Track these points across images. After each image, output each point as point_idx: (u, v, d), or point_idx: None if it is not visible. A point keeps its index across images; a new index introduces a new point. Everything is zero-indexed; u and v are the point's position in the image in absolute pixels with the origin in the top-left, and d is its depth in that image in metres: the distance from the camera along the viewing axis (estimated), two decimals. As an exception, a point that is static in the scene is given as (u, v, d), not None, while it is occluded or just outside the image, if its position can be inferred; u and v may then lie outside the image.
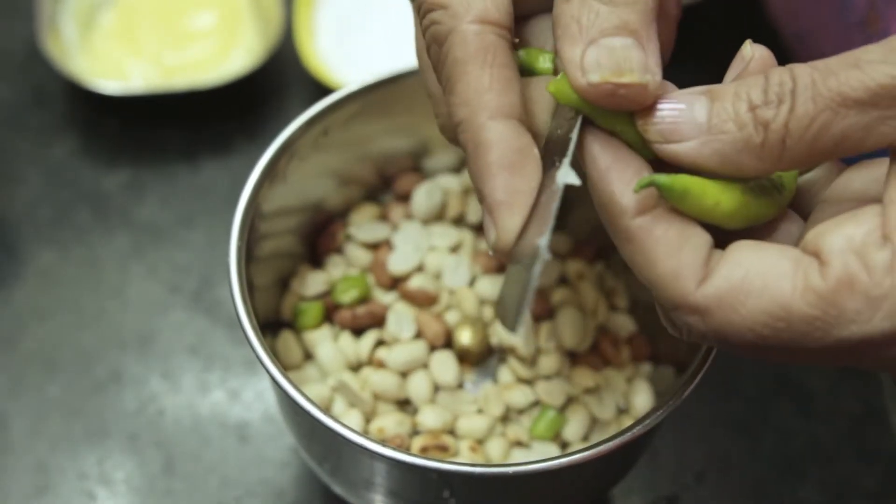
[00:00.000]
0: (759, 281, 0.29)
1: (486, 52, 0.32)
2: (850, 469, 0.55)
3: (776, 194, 0.32)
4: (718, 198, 0.31)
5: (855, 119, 0.29)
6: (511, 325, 0.32)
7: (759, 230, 0.33)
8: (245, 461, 0.54)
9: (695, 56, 0.70)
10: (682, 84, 0.36)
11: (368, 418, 0.46)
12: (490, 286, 0.48)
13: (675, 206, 0.31)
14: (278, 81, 0.69)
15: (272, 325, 0.48)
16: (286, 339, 0.47)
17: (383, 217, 0.50)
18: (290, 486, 0.53)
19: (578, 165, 0.32)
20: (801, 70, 0.29)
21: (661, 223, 0.31)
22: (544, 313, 0.48)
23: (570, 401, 0.47)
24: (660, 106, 0.31)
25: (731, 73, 0.33)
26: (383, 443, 0.36)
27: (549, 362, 0.47)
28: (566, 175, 0.31)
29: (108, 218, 0.63)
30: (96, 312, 0.59)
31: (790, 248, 0.30)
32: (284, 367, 0.38)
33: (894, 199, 0.29)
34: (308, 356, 0.47)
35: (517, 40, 0.35)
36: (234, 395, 0.56)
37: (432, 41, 0.34)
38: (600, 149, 0.31)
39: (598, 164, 0.31)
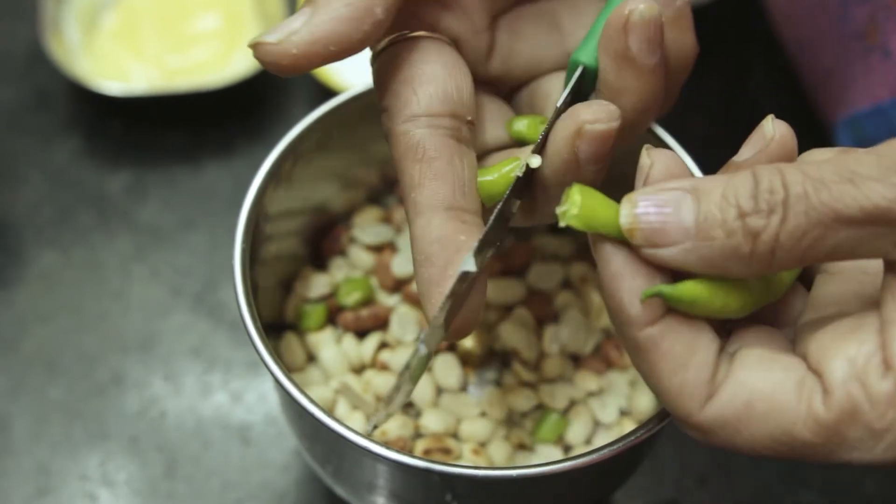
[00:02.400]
0: (762, 406, 0.30)
1: (416, 149, 0.34)
2: (851, 474, 0.55)
3: (777, 282, 0.32)
4: (726, 300, 0.31)
5: (846, 234, 0.28)
6: (378, 415, 0.34)
7: (766, 311, 0.33)
8: (247, 463, 0.54)
9: (696, 62, 0.70)
10: (683, 90, 0.36)
11: (371, 421, 0.46)
12: (493, 289, 0.48)
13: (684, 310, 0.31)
14: (281, 84, 0.69)
15: (275, 327, 0.48)
16: (289, 341, 0.47)
17: (387, 219, 0.50)
18: (292, 488, 0.53)
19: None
20: (793, 177, 0.28)
21: (668, 337, 0.30)
22: (548, 317, 0.48)
23: (572, 404, 0.47)
24: (643, 208, 0.30)
25: (748, 149, 0.32)
26: (386, 445, 0.36)
27: (552, 365, 0.47)
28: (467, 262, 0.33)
29: (110, 220, 0.63)
30: (98, 314, 0.59)
31: (795, 363, 0.30)
32: (287, 370, 0.38)
33: (893, 318, 0.29)
34: (311, 358, 0.47)
35: (471, 118, 0.36)
36: (237, 398, 0.56)
37: (386, 138, 0.36)
38: (611, 251, 0.31)
39: (609, 268, 0.31)
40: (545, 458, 0.45)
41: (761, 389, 0.30)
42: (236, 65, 0.66)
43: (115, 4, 0.69)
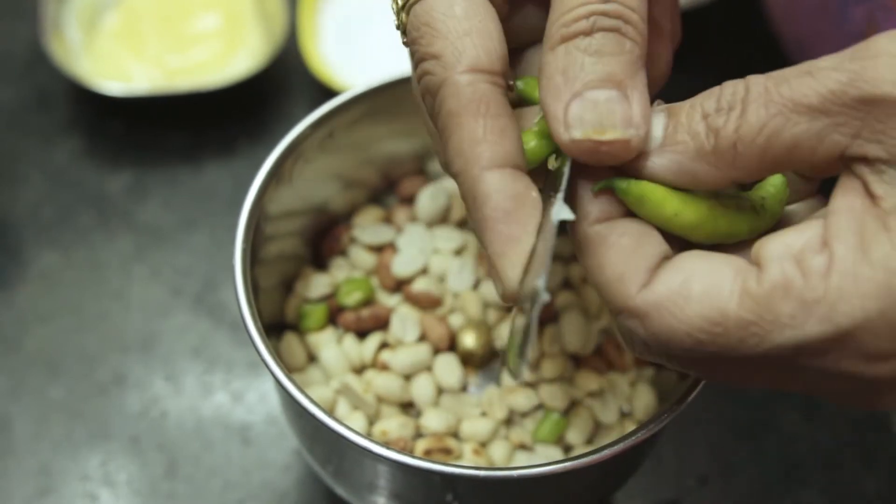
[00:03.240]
0: (698, 286, 0.30)
1: (479, 103, 0.32)
2: (853, 474, 0.55)
3: (753, 215, 0.32)
4: (679, 208, 0.31)
5: (806, 126, 0.29)
6: (514, 372, 0.32)
7: (730, 249, 0.33)
8: (248, 464, 0.54)
9: (696, 62, 0.70)
10: (684, 90, 0.36)
11: (372, 421, 0.46)
12: (493, 290, 0.48)
13: (636, 213, 0.31)
14: (282, 84, 0.69)
15: (276, 327, 0.48)
16: (290, 341, 0.47)
17: (387, 220, 0.50)
18: (292, 488, 0.53)
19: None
20: (756, 79, 0.30)
21: (617, 230, 0.31)
22: (548, 317, 0.48)
23: (573, 404, 0.47)
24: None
25: None
26: (387, 445, 0.36)
27: (552, 366, 0.47)
28: (560, 211, 0.31)
29: (110, 220, 0.63)
30: (99, 314, 0.59)
31: (736, 257, 0.31)
32: (288, 370, 0.38)
33: (837, 208, 0.29)
34: (312, 358, 0.47)
35: (512, 82, 0.35)
36: (237, 398, 0.56)
37: (426, 92, 0.34)
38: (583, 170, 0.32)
39: (579, 180, 0.32)
40: (545, 459, 0.45)
41: (699, 272, 0.30)
42: (237, 65, 0.66)
43: (115, 4, 0.69)
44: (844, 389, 0.30)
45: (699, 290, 0.30)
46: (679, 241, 0.32)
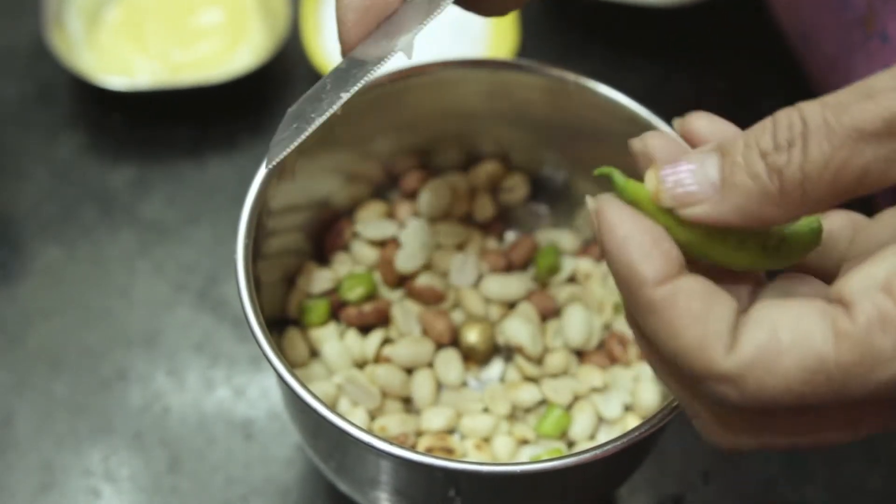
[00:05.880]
0: (787, 337, 0.28)
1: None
2: (857, 470, 0.54)
3: (757, 253, 0.31)
4: (670, 225, 0.30)
5: (873, 153, 0.27)
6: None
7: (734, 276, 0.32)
8: (250, 459, 0.54)
9: (699, 57, 0.70)
10: (688, 82, 0.36)
11: (373, 416, 0.46)
12: (497, 285, 0.48)
13: (689, 258, 0.30)
14: (285, 78, 0.68)
15: (278, 322, 0.48)
16: (292, 336, 0.47)
17: (390, 215, 0.50)
18: (295, 483, 0.53)
19: None
20: (811, 109, 0.28)
21: (684, 292, 0.29)
22: (551, 312, 0.48)
23: (576, 399, 0.47)
24: (667, 170, 0.30)
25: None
26: (390, 441, 0.36)
27: (555, 361, 0.47)
28: None
29: (113, 215, 0.63)
30: (102, 310, 0.59)
31: (813, 299, 0.29)
32: (290, 365, 0.38)
33: None
34: (314, 354, 0.47)
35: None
36: (240, 393, 0.56)
37: None
38: (617, 216, 0.30)
39: (616, 233, 0.30)
40: (548, 454, 0.45)
41: (782, 321, 0.28)
42: (240, 59, 0.66)
43: (118, -1, 0.69)
44: None
45: (790, 341, 0.28)
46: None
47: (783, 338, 0.28)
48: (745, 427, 0.31)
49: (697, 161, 0.30)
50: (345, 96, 0.36)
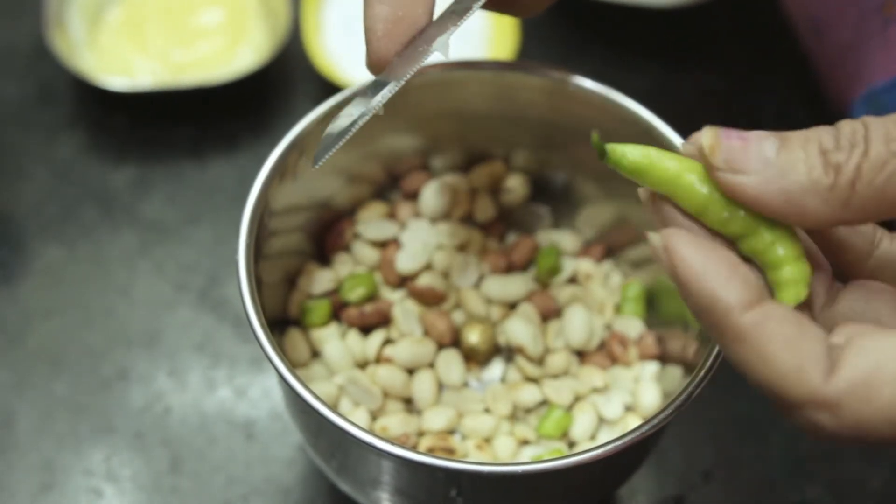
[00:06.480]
0: (893, 364, 0.28)
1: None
2: (857, 470, 0.54)
3: (751, 252, 0.32)
4: (677, 191, 0.31)
5: None
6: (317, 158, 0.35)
7: None
8: (251, 459, 0.54)
9: (700, 57, 0.70)
10: (689, 82, 0.36)
11: (375, 416, 0.46)
12: (498, 286, 0.48)
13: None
14: (286, 79, 0.68)
15: (279, 322, 0.48)
16: (293, 336, 0.47)
17: (391, 215, 0.50)
18: (296, 484, 0.53)
19: None
20: (874, 119, 0.29)
21: (773, 318, 0.29)
22: (552, 313, 0.48)
23: (577, 400, 0.47)
24: (727, 134, 0.30)
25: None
26: (391, 441, 0.36)
27: (556, 361, 0.47)
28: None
29: (114, 215, 0.63)
30: (103, 310, 0.59)
31: None
32: (291, 365, 0.38)
33: None
34: (315, 354, 0.47)
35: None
36: (241, 393, 0.56)
37: None
38: (690, 250, 0.29)
39: (690, 268, 0.29)
40: (549, 454, 0.45)
41: (888, 352, 0.28)
42: (241, 60, 0.66)
43: (119, -1, 0.69)
44: None
45: (894, 371, 0.28)
46: None
47: (888, 367, 0.28)
48: (840, 443, 0.30)
49: (756, 138, 0.30)
50: (388, 92, 0.36)
